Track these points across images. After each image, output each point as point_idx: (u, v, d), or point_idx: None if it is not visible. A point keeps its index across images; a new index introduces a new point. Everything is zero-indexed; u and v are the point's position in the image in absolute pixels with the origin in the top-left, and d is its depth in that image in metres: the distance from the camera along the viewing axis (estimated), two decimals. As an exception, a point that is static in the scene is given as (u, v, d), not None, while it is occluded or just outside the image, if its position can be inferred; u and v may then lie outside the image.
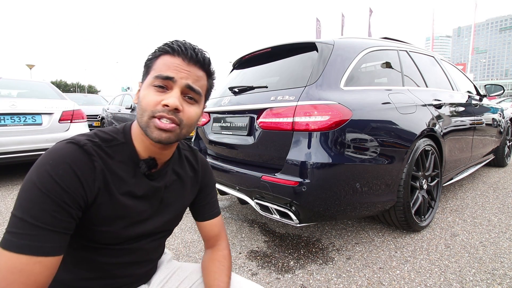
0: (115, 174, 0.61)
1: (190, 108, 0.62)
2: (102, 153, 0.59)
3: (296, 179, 1.45)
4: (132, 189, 0.64)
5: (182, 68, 0.60)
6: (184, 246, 1.85)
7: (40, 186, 0.50)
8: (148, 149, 0.65)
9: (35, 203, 0.50)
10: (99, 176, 0.57)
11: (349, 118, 1.50)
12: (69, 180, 0.53)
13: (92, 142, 0.59)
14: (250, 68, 2.26)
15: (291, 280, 1.46)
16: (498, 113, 3.46)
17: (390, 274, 1.49)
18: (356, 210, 1.62)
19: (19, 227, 0.49)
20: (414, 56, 2.37)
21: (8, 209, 2.54)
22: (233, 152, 1.97)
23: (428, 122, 1.97)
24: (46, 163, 0.53)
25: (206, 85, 0.66)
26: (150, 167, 0.65)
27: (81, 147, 0.56)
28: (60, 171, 0.52)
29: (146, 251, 0.72)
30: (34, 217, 0.49)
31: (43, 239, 0.49)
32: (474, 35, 15.72)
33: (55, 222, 0.50)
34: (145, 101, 0.59)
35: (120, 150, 0.63)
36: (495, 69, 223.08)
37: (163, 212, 0.72)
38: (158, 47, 0.63)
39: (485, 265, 1.55)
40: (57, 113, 3.50)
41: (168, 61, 0.60)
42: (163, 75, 0.59)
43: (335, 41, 1.77)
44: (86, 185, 0.55)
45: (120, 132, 0.65)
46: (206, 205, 0.83)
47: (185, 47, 0.61)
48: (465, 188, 2.93)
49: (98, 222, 0.60)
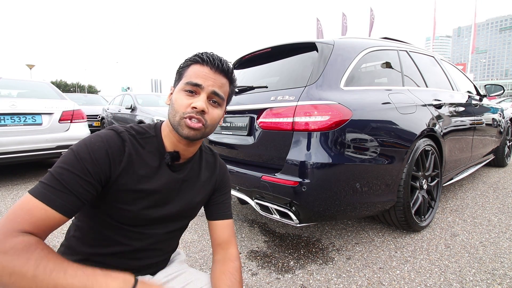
0: (143, 160, 0.70)
1: (214, 111, 0.72)
2: (135, 141, 0.70)
3: (296, 179, 1.45)
4: (155, 176, 0.72)
5: (209, 76, 0.70)
6: (184, 246, 1.85)
7: (75, 152, 0.61)
8: (174, 145, 0.74)
9: (66, 164, 0.59)
10: (126, 159, 0.67)
11: (349, 118, 1.50)
12: (100, 154, 0.63)
13: (128, 132, 0.70)
14: (250, 68, 2.26)
15: (291, 280, 1.46)
16: (498, 113, 3.46)
17: (390, 274, 1.49)
18: (356, 210, 1.62)
19: (47, 179, 0.58)
20: (414, 56, 2.37)
21: (8, 209, 2.53)
22: (233, 152, 1.97)
23: (428, 122, 1.97)
24: (88, 139, 0.65)
25: (228, 90, 0.76)
26: (174, 159, 0.75)
27: (119, 134, 0.68)
28: (95, 146, 0.63)
29: (160, 240, 0.78)
30: (60, 174, 0.58)
31: (59, 194, 0.57)
32: (474, 35, 15.70)
33: (74, 184, 0.58)
34: (177, 104, 0.69)
35: (150, 142, 0.73)
36: (495, 69, 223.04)
37: (178, 202, 0.79)
38: (189, 58, 0.73)
39: (485, 265, 1.55)
40: (57, 113, 3.50)
41: (197, 70, 0.70)
42: (193, 82, 0.69)
43: (335, 41, 1.77)
44: (113, 164, 0.65)
45: (152, 128, 0.76)
46: (219, 204, 0.90)
47: (213, 58, 0.71)
48: (465, 188, 2.93)
49: (120, 199, 0.68)
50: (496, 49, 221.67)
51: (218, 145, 2.10)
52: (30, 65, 21.39)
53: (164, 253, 0.84)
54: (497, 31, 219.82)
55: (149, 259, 0.78)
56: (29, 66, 21.32)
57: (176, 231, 0.83)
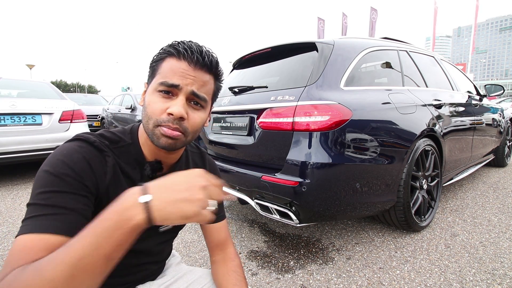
0: (125, 172, 0.61)
1: (195, 115, 0.60)
2: (111, 151, 0.60)
3: (296, 179, 1.45)
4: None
5: (187, 74, 0.58)
6: (184, 246, 1.85)
7: (52, 171, 0.50)
8: (154, 153, 0.65)
9: (47, 186, 0.49)
10: (110, 170, 0.58)
11: (349, 118, 1.50)
12: (82, 166, 0.53)
13: (100, 141, 0.59)
14: (250, 68, 2.26)
15: (291, 280, 1.46)
16: (498, 113, 3.46)
17: (390, 274, 1.49)
18: (356, 210, 1.62)
19: (30, 212, 0.48)
20: (414, 56, 2.37)
21: (8, 209, 2.54)
22: (233, 152, 1.97)
23: (428, 122, 1.97)
24: (59, 154, 0.53)
25: (213, 88, 0.64)
26: (155, 170, 0.65)
27: (91, 143, 0.57)
28: (74, 159, 0.53)
29: (152, 253, 0.73)
30: (45, 199, 0.48)
31: (52, 217, 0.47)
32: (474, 35, 15.69)
33: (66, 201, 0.49)
34: (150, 108, 0.58)
35: (127, 151, 0.63)
36: (495, 69, 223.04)
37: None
38: (163, 48, 0.61)
39: (485, 265, 1.55)
40: (57, 113, 3.50)
41: (173, 65, 0.58)
42: (168, 82, 0.57)
43: (335, 41, 1.77)
44: (98, 175, 0.55)
45: (128, 133, 0.65)
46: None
47: (191, 50, 0.58)
48: (465, 188, 2.93)
49: None
50: (496, 49, 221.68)
51: (218, 145, 2.10)
52: (30, 65, 21.39)
53: (159, 262, 0.79)
54: (497, 31, 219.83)
55: (145, 271, 0.74)
56: (29, 66, 21.32)
57: (168, 240, 0.78)
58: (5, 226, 2.17)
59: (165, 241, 0.76)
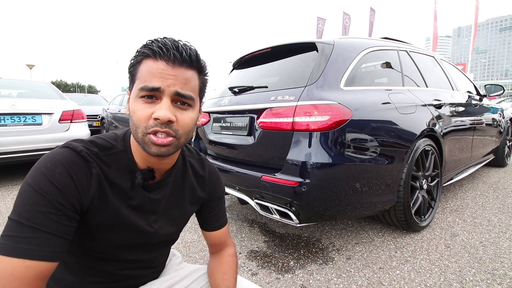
0: (113, 183, 0.59)
1: (183, 115, 0.57)
2: (99, 161, 0.58)
3: (296, 179, 1.45)
4: (129, 199, 0.62)
5: (167, 74, 0.54)
6: (184, 246, 1.85)
7: (36, 187, 0.49)
8: (146, 160, 0.62)
9: (30, 205, 0.48)
10: (95, 182, 0.56)
11: (349, 118, 1.50)
12: (65, 182, 0.51)
13: (89, 150, 0.57)
14: (250, 68, 2.26)
15: (291, 280, 1.46)
16: (498, 113, 3.46)
17: (390, 274, 1.49)
18: (356, 210, 1.62)
19: (13, 229, 0.47)
20: (414, 56, 2.37)
21: (8, 209, 2.54)
22: (233, 152, 1.97)
23: (428, 122, 1.97)
24: (43, 166, 0.52)
25: (198, 84, 0.61)
26: (146, 178, 0.62)
27: (78, 153, 0.55)
28: (57, 174, 0.51)
29: (149, 260, 0.72)
30: (29, 219, 0.47)
31: (37, 242, 0.47)
32: (475, 36, 15.68)
33: (51, 224, 0.48)
34: (135, 117, 0.55)
35: (118, 158, 0.61)
36: (495, 69, 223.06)
37: (163, 224, 0.69)
38: (138, 50, 0.57)
39: (485, 265, 1.55)
40: (57, 113, 3.50)
41: (151, 67, 0.54)
42: (148, 86, 0.54)
43: (335, 41, 1.77)
44: (81, 190, 0.54)
45: (120, 140, 0.63)
46: (214, 216, 0.80)
47: (167, 47, 0.54)
48: (465, 188, 2.93)
49: (96, 229, 0.59)
50: (496, 49, 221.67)
51: (218, 145, 2.10)
52: (30, 65, 21.39)
53: (159, 266, 0.78)
54: (497, 31, 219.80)
55: (143, 278, 0.73)
56: (29, 66, 21.32)
57: (166, 246, 0.76)
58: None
59: (161, 248, 0.74)
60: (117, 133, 0.65)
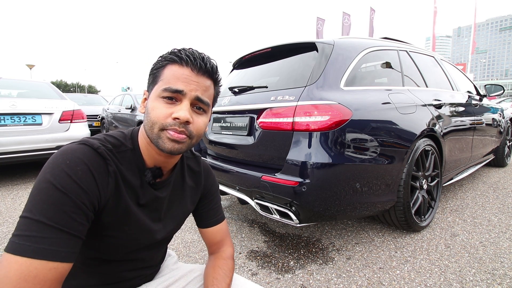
0: (126, 180, 0.61)
1: (199, 119, 0.62)
2: (115, 158, 0.59)
3: (296, 179, 1.45)
4: (138, 197, 0.63)
5: (191, 80, 0.59)
6: (184, 246, 1.85)
7: (58, 186, 0.48)
8: (154, 158, 0.64)
9: (53, 204, 0.47)
10: (112, 180, 0.57)
11: (349, 118, 1.50)
12: (88, 180, 0.52)
13: (105, 146, 0.58)
14: (250, 68, 2.26)
15: (291, 280, 1.46)
16: (498, 113, 3.46)
17: (390, 274, 1.49)
18: (356, 210, 1.62)
19: (34, 229, 0.45)
20: (414, 56, 2.37)
21: (8, 209, 2.54)
22: (233, 152, 1.97)
23: (428, 122, 1.97)
24: (62, 163, 0.51)
25: (213, 93, 0.66)
26: (156, 176, 0.65)
27: (95, 150, 0.55)
28: (79, 172, 0.51)
29: (148, 259, 0.73)
30: (52, 219, 0.46)
31: (61, 243, 0.47)
32: (474, 37, 15.70)
33: (73, 224, 0.48)
34: (154, 114, 0.58)
35: (128, 156, 0.62)
36: (495, 69, 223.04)
37: (165, 222, 0.71)
38: (164, 56, 0.61)
39: (485, 265, 1.55)
40: (57, 113, 3.50)
41: (177, 71, 0.59)
42: (172, 88, 0.58)
43: (335, 41, 1.77)
44: (101, 188, 0.54)
45: (128, 138, 0.64)
46: (209, 211, 0.82)
47: (194, 57, 0.59)
48: (465, 188, 2.93)
49: (107, 227, 0.59)
50: (496, 49, 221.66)
51: (218, 145, 2.10)
52: (30, 65, 21.40)
53: (153, 266, 0.78)
54: (497, 31, 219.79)
55: (138, 278, 0.73)
56: (29, 66, 21.33)
57: (163, 244, 0.78)
58: (5, 226, 2.17)
59: (160, 245, 0.75)
60: (124, 131, 0.66)
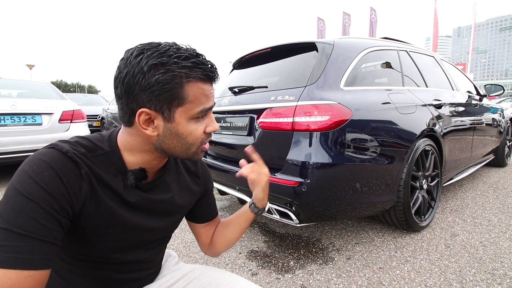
0: (104, 184, 0.57)
1: None
2: (88, 161, 0.56)
3: (296, 179, 1.45)
4: (123, 199, 0.60)
5: (213, 93, 0.60)
6: (184, 246, 1.85)
7: (25, 193, 0.46)
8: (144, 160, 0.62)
9: (21, 212, 0.46)
10: (85, 184, 0.54)
11: (349, 118, 1.50)
12: (55, 185, 0.49)
13: (76, 150, 0.55)
14: (250, 68, 2.26)
15: (291, 280, 1.46)
16: (498, 113, 3.46)
17: (390, 274, 1.49)
18: (356, 210, 1.62)
19: (3, 238, 0.44)
20: (414, 56, 2.37)
21: (8, 209, 2.53)
22: (233, 152, 1.97)
23: (428, 122, 1.97)
24: (29, 169, 0.49)
25: None
26: (138, 178, 0.61)
27: (65, 153, 0.52)
28: (46, 177, 0.49)
29: (147, 260, 0.71)
30: (21, 227, 0.45)
31: (33, 251, 0.45)
32: (473, 37, 15.71)
33: (44, 231, 0.47)
34: (192, 137, 0.59)
35: (106, 159, 0.59)
36: (495, 69, 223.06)
37: (158, 222, 0.69)
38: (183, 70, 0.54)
39: (485, 265, 1.55)
40: (57, 113, 3.50)
41: (204, 89, 0.57)
42: (206, 107, 0.58)
43: (335, 41, 1.77)
44: (72, 192, 0.51)
45: (106, 141, 0.61)
46: (210, 207, 0.84)
47: (216, 71, 0.59)
48: (465, 188, 2.93)
49: (90, 232, 0.57)
50: (496, 49, 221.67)
51: (218, 145, 2.10)
52: (30, 65, 21.40)
53: (152, 267, 0.76)
54: (497, 31, 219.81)
55: (140, 281, 0.71)
56: (29, 66, 21.32)
57: (160, 245, 0.75)
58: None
59: (156, 246, 0.73)
60: (102, 134, 0.63)
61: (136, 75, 0.52)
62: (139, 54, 0.53)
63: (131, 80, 0.53)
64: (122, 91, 0.55)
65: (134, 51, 0.54)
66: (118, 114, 0.60)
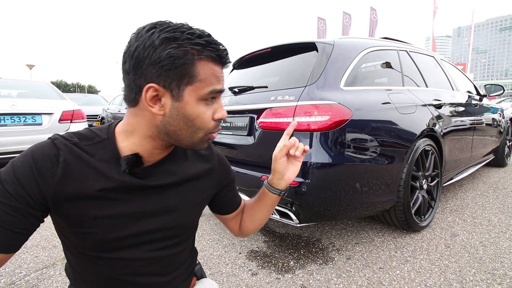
0: (97, 171, 0.56)
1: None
2: (77, 148, 0.55)
3: (296, 179, 1.45)
4: (117, 187, 0.57)
5: (223, 76, 0.57)
6: (184, 246, 1.85)
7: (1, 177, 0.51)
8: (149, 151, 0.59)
9: None
10: (63, 172, 0.53)
11: (349, 118, 1.50)
12: (22, 173, 0.51)
13: (67, 139, 0.56)
14: (250, 68, 2.26)
15: (291, 280, 1.46)
16: (498, 113, 3.46)
17: (390, 274, 1.49)
18: (356, 210, 1.62)
19: None
20: (414, 56, 2.37)
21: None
22: (233, 152, 1.97)
23: (428, 122, 1.97)
24: (16, 158, 0.53)
25: None
26: (131, 163, 0.57)
27: (52, 141, 0.55)
28: (19, 164, 0.51)
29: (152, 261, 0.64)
30: None
31: None
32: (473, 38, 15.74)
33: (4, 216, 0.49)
34: (201, 121, 0.56)
35: (102, 147, 0.58)
36: (495, 69, 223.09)
37: (159, 215, 0.63)
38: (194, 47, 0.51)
39: (485, 265, 1.55)
40: (57, 113, 3.50)
41: (215, 70, 0.55)
42: (217, 89, 0.55)
43: (335, 41, 1.77)
44: (41, 181, 0.51)
45: (105, 129, 0.61)
46: (233, 198, 0.84)
47: (227, 52, 0.56)
48: (465, 188, 2.93)
49: (76, 223, 0.56)
50: (496, 49, 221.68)
51: (218, 145, 2.09)
52: (30, 65, 21.40)
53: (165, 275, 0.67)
54: (497, 31, 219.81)
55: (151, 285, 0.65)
56: (29, 66, 21.33)
57: (171, 248, 0.67)
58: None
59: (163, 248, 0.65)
60: (105, 125, 0.63)
61: (147, 48, 0.50)
62: (151, 28, 0.52)
63: (141, 53, 0.51)
64: (131, 65, 0.52)
65: (146, 26, 0.53)
66: (124, 93, 0.58)
